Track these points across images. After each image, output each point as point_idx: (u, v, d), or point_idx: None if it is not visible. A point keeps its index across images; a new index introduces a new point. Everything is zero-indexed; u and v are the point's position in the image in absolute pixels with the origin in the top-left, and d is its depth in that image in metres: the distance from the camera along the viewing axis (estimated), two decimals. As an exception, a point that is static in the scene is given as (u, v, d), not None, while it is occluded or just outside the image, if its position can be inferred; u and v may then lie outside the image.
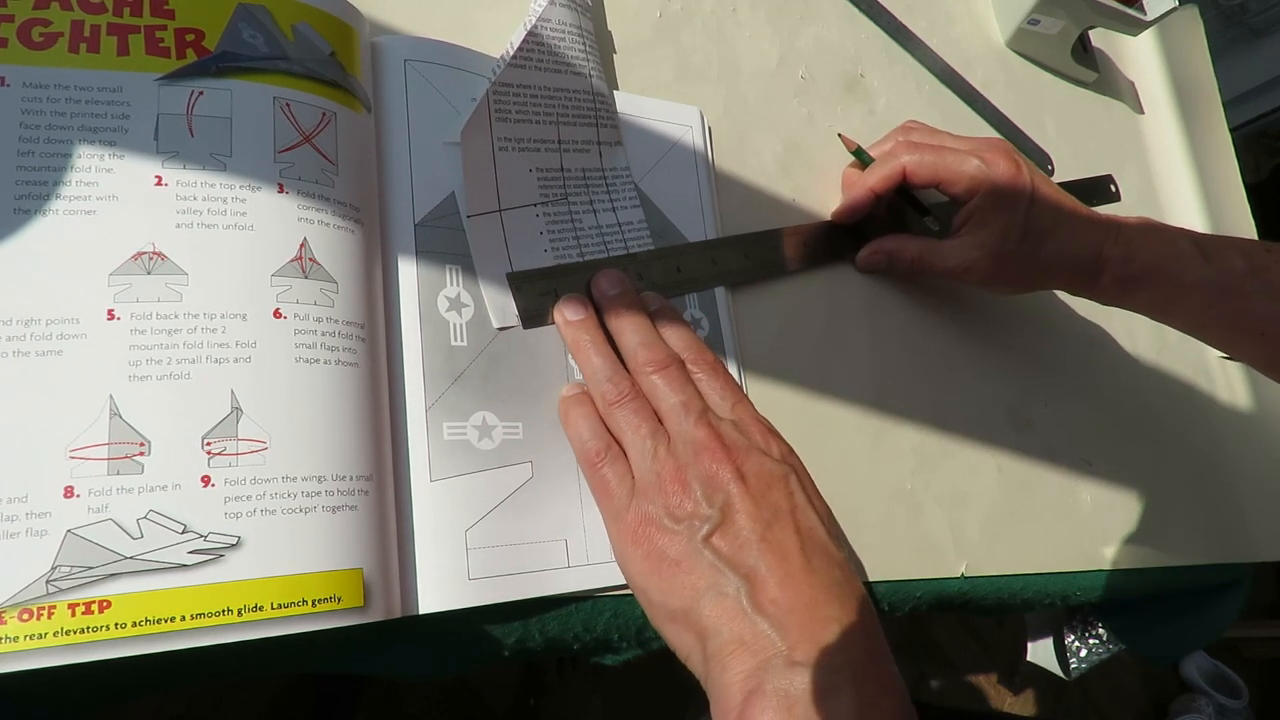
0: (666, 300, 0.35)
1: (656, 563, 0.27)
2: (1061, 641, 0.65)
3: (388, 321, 0.30)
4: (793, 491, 0.29)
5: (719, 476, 0.28)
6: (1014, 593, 0.44)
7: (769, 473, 0.29)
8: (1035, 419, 0.48)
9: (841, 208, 0.44)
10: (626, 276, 0.34)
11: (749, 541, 0.27)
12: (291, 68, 0.29)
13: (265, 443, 0.25)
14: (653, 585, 0.28)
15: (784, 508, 0.28)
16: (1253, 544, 0.57)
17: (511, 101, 0.34)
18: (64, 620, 0.22)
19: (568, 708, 0.95)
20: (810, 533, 0.28)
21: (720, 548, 0.27)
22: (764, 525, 0.27)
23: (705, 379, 0.32)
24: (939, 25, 0.56)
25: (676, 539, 0.27)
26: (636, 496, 0.29)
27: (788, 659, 0.24)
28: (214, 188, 0.27)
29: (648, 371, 0.31)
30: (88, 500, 0.23)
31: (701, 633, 0.26)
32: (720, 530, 0.27)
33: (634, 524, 0.28)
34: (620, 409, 0.30)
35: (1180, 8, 0.65)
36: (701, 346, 0.33)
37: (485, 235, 0.33)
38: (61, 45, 0.26)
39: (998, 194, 0.40)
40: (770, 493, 0.28)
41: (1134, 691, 1.44)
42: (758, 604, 0.26)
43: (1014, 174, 0.40)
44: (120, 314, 0.25)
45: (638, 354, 0.31)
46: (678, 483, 0.28)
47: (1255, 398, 0.63)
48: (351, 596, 0.25)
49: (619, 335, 0.32)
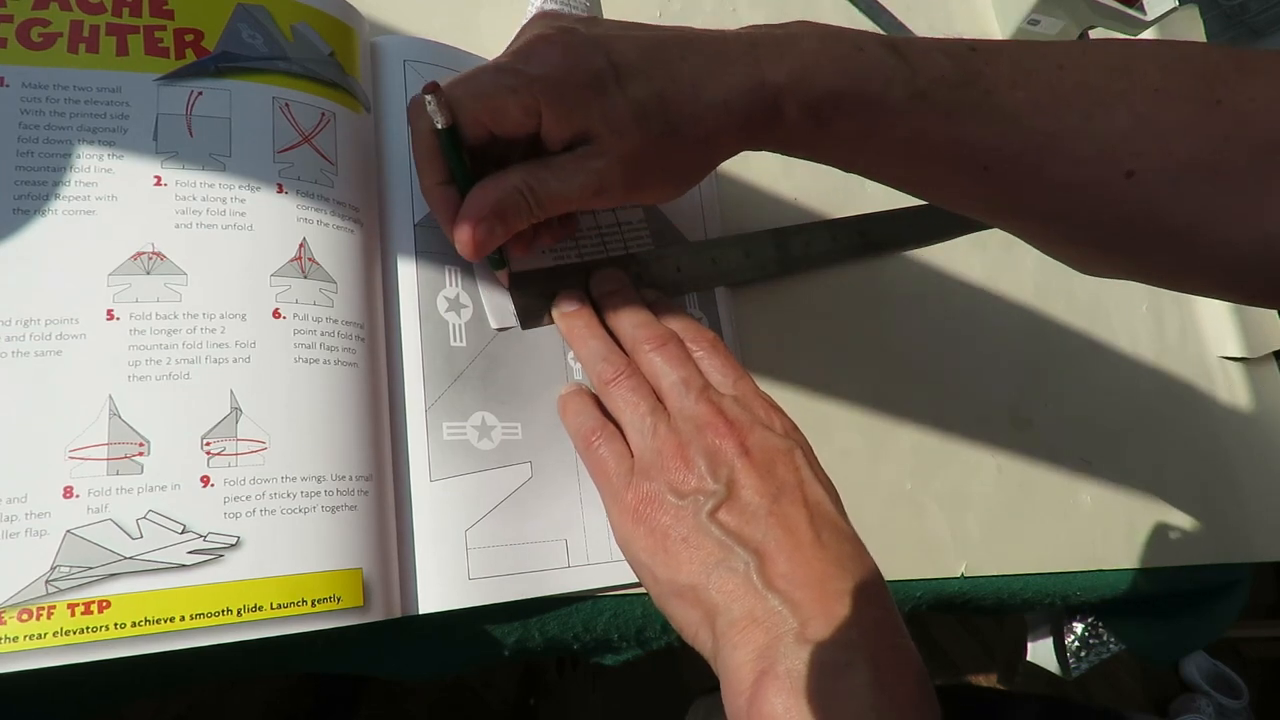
0: (663, 295, 0.35)
1: (661, 539, 0.27)
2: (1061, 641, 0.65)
3: (387, 322, 0.30)
4: (799, 466, 0.28)
5: (723, 451, 0.27)
6: (1014, 593, 0.44)
7: (774, 447, 0.28)
8: (1035, 419, 0.48)
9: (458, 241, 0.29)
10: (624, 275, 0.34)
11: (757, 515, 0.26)
12: (291, 68, 0.29)
13: (265, 443, 0.25)
14: (659, 562, 0.27)
15: (790, 481, 0.27)
16: (1253, 544, 0.57)
17: None
18: (63, 620, 0.22)
19: (568, 708, 0.95)
20: (818, 506, 0.27)
21: (727, 523, 0.26)
22: (771, 499, 0.26)
23: (705, 356, 0.31)
24: (939, 25, 0.56)
25: (682, 515, 0.27)
26: (637, 475, 0.28)
27: (799, 635, 0.24)
28: (213, 188, 0.27)
29: (646, 349, 0.30)
30: (87, 500, 0.23)
31: (710, 609, 0.25)
32: (726, 505, 0.26)
33: (635, 503, 0.28)
34: (617, 387, 0.30)
35: (1180, 8, 0.65)
36: (700, 326, 0.32)
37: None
38: (61, 45, 0.26)
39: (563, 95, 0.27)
40: (776, 467, 0.27)
41: (1134, 691, 1.44)
42: (768, 579, 0.25)
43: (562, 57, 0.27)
44: (120, 314, 0.25)
45: (636, 334, 0.31)
46: (680, 458, 0.27)
47: (1255, 398, 0.63)
48: (351, 596, 0.25)
49: (616, 325, 0.32)
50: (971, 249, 0.49)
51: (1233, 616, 0.59)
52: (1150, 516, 0.51)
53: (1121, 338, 0.56)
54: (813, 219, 0.44)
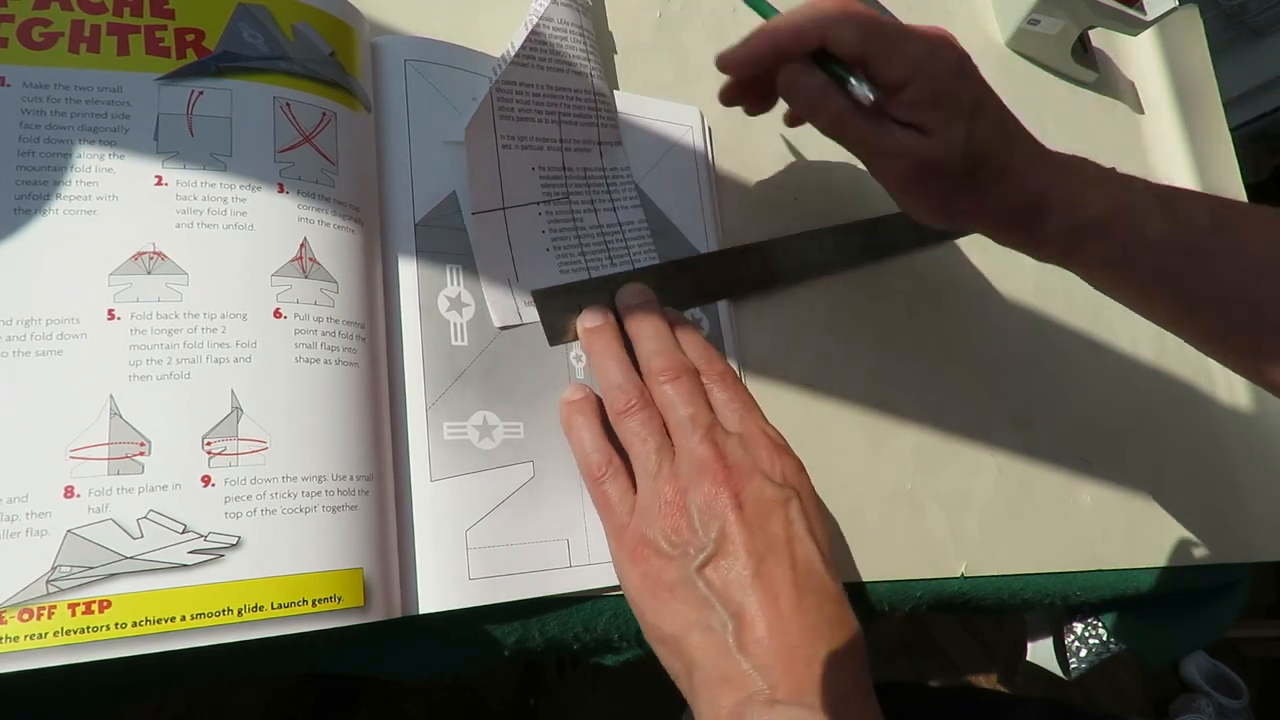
0: (682, 314, 0.35)
1: (652, 585, 0.28)
2: (1061, 641, 0.65)
3: (388, 321, 0.30)
4: (791, 520, 0.28)
5: (717, 502, 0.28)
6: (1014, 593, 0.44)
7: (769, 499, 0.28)
8: (1035, 419, 0.48)
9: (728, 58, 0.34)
10: (649, 291, 0.34)
11: (741, 577, 0.27)
12: (292, 68, 0.29)
13: (265, 442, 0.25)
14: (647, 607, 0.28)
15: (781, 539, 0.27)
16: (1253, 544, 0.57)
17: (514, 99, 0.34)
18: (64, 620, 0.22)
19: (568, 708, 0.95)
20: (806, 566, 0.27)
21: (713, 580, 0.27)
22: (758, 559, 0.27)
23: (716, 388, 0.31)
24: (938, 25, 0.56)
25: (671, 565, 0.27)
26: (637, 515, 0.29)
27: (768, 699, 0.25)
28: (214, 187, 0.27)
29: (661, 381, 0.30)
30: (88, 500, 0.23)
31: (688, 662, 0.27)
32: (714, 561, 0.27)
33: (632, 543, 0.28)
34: (629, 419, 0.30)
35: (1180, 8, 0.65)
36: (714, 355, 0.33)
37: (488, 233, 0.33)
38: (62, 45, 0.26)
39: (939, 90, 0.32)
40: (768, 521, 0.28)
41: (1134, 691, 1.44)
42: (742, 644, 0.26)
43: (963, 70, 0.33)
44: (120, 314, 0.25)
45: (652, 362, 0.31)
46: (677, 506, 0.28)
47: (1255, 398, 0.63)
48: (351, 596, 0.25)
49: (636, 342, 0.32)
50: (972, 249, 0.49)
51: (1233, 616, 0.59)
52: (1150, 516, 0.51)
53: (1121, 338, 0.56)
54: (813, 219, 0.44)
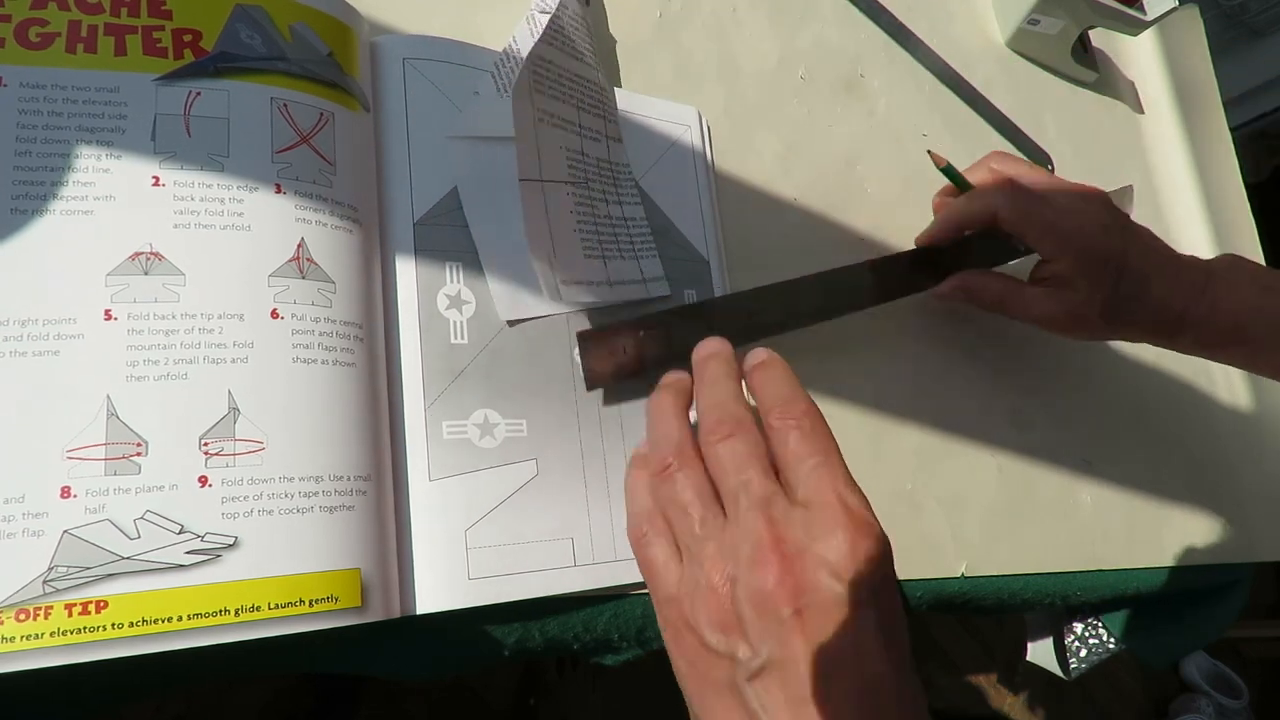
0: (774, 354, 0.30)
1: (700, 678, 0.25)
2: (1061, 641, 0.65)
3: (386, 321, 0.30)
4: (857, 629, 0.23)
5: (772, 603, 0.23)
6: (1014, 593, 0.44)
7: (831, 602, 0.23)
8: (1035, 419, 0.48)
9: (926, 238, 0.45)
10: (726, 343, 0.31)
11: (798, 698, 0.23)
12: (289, 68, 0.29)
13: (263, 443, 0.25)
14: (690, 688, 0.26)
15: (848, 657, 0.23)
16: (1253, 544, 0.57)
17: (546, 76, 0.34)
18: (61, 621, 0.22)
19: (568, 708, 0.95)
20: (872, 695, 0.23)
21: (764, 697, 0.23)
22: (818, 679, 0.23)
23: (792, 438, 0.27)
24: (939, 25, 0.56)
25: (720, 665, 0.24)
26: (682, 590, 0.26)
27: None
28: (211, 188, 0.27)
29: (712, 440, 0.27)
30: (85, 500, 0.23)
31: None
32: (768, 674, 0.23)
33: (677, 624, 0.26)
34: (665, 484, 0.27)
35: (1180, 8, 0.65)
36: (796, 395, 0.28)
37: (533, 202, 0.32)
38: (59, 45, 0.26)
39: (1086, 261, 0.40)
40: (833, 631, 0.23)
41: (1134, 691, 1.44)
42: None
43: (1106, 244, 0.40)
44: (118, 314, 0.25)
45: (706, 418, 0.28)
46: (725, 597, 0.24)
47: (1255, 398, 0.63)
48: (349, 597, 0.25)
49: (697, 395, 0.30)
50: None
51: (1233, 616, 0.59)
52: (1150, 516, 0.51)
53: (1121, 338, 0.56)
54: (812, 219, 0.44)
